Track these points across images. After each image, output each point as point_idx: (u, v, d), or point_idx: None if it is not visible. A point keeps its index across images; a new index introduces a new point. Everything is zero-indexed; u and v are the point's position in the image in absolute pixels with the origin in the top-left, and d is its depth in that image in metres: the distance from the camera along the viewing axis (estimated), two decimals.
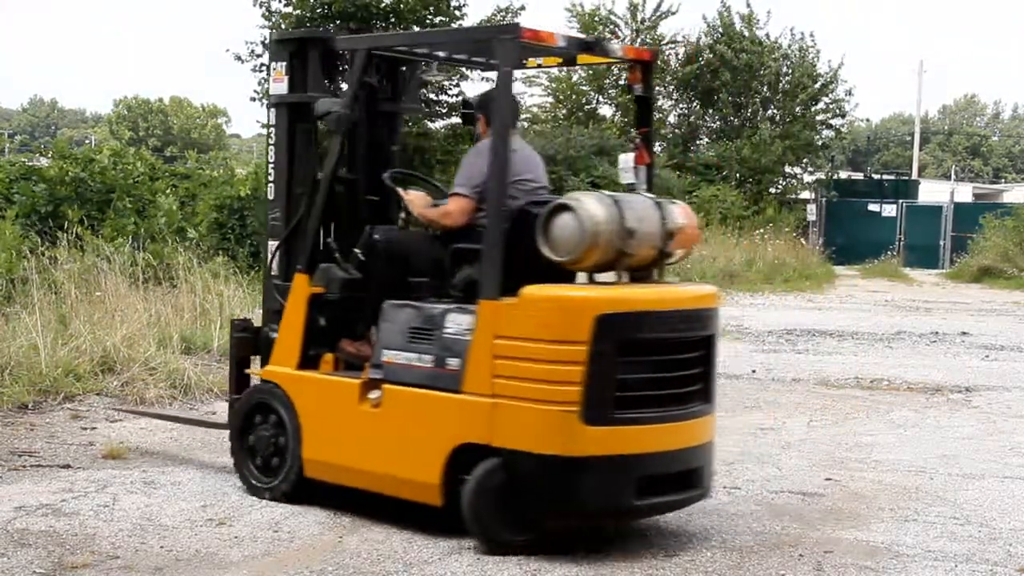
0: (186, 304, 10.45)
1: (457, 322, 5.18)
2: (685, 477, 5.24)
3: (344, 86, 6.25)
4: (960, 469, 6.99)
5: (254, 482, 5.91)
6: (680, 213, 5.38)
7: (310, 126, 6.17)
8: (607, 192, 5.27)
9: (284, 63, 6.27)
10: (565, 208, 5.10)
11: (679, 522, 5.63)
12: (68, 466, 6.42)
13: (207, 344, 9.81)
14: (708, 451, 5.37)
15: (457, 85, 22.81)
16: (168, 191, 15.83)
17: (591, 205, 5.10)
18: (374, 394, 5.45)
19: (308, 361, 5.79)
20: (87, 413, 7.81)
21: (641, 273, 5.33)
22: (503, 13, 22.96)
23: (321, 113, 5.87)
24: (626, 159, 5.78)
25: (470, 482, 5.04)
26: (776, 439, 7.79)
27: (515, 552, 5.00)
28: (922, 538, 5.48)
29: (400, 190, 5.73)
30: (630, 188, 5.69)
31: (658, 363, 5.09)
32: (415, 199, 5.68)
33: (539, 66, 6.49)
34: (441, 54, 6.33)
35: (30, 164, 16.45)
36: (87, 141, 49.10)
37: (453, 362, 5.16)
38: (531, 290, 4.99)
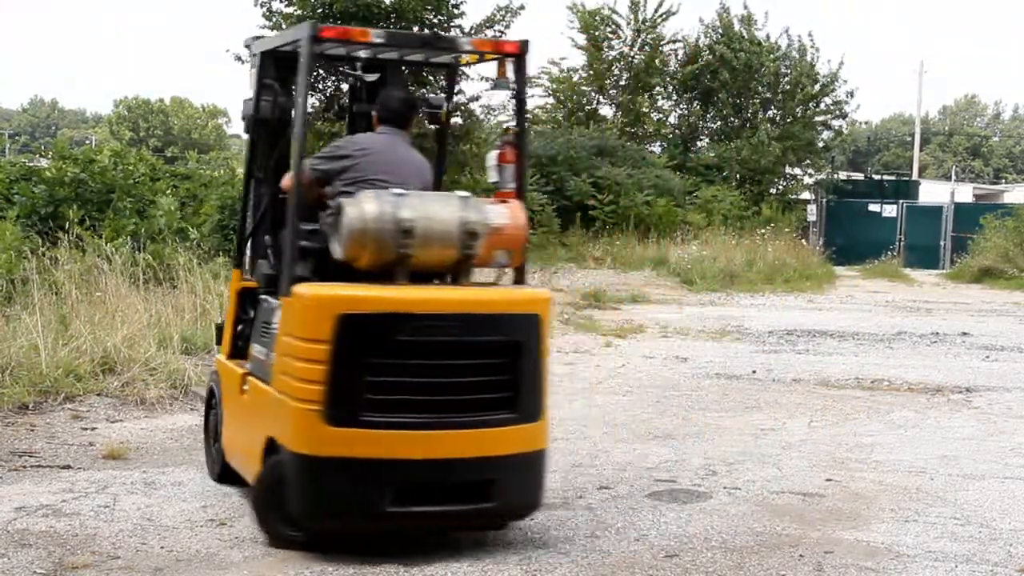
0: (186, 304, 10.45)
1: (277, 317, 5.23)
2: (464, 489, 4.95)
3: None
4: (960, 470, 6.99)
5: (206, 460, 6.26)
6: (499, 214, 5.14)
7: (264, 128, 6.05)
8: (398, 191, 5.03)
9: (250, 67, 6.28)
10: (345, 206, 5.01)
11: (679, 522, 5.64)
12: (68, 466, 6.42)
13: (207, 344, 9.80)
14: (509, 463, 4.98)
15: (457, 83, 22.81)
16: (168, 191, 15.83)
17: (363, 203, 4.96)
18: (245, 385, 5.63)
19: (238, 351, 5.95)
20: (87, 413, 7.81)
21: (451, 274, 5.14)
22: (503, 12, 22.95)
23: (242, 115, 6.01)
24: (491, 157, 5.66)
25: (258, 476, 5.13)
26: (776, 439, 7.79)
27: (295, 548, 4.97)
28: (922, 538, 5.48)
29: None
30: (494, 186, 5.60)
31: (423, 367, 4.83)
32: (286, 178, 5.54)
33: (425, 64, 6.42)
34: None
35: (30, 165, 16.45)
36: (87, 141, 49.08)
37: (271, 357, 5.20)
38: (298, 288, 4.95)
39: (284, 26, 22.36)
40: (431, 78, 20.90)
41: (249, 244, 6.06)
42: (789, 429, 8.18)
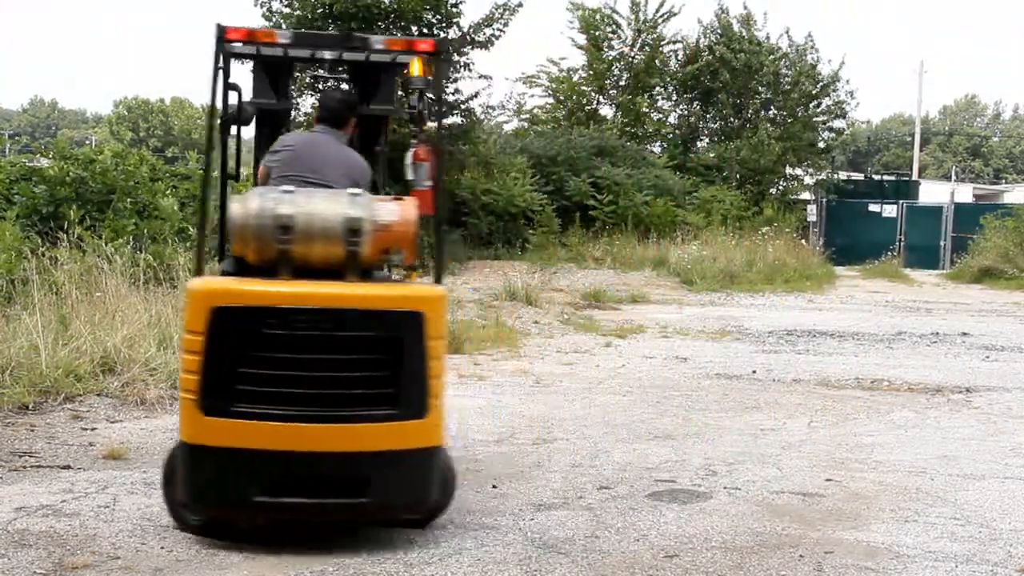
0: None
1: None
2: (336, 483, 5.00)
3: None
4: (960, 470, 6.99)
5: None
6: (389, 211, 5.20)
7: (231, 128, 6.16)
8: (287, 188, 5.18)
9: None
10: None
11: (679, 522, 5.64)
12: (68, 467, 6.42)
13: None
14: (385, 460, 4.99)
15: (454, 82, 22.81)
16: (168, 192, 15.83)
17: (247, 200, 5.14)
18: None
19: None
20: (87, 414, 7.81)
21: (340, 270, 5.15)
22: (501, 10, 22.95)
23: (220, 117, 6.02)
24: (408, 155, 5.83)
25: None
26: (776, 439, 7.79)
27: (194, 532, 5.17)
28: (922, 539, 5.48)
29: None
30: (411, 184, 5.79)
31: (292, 361, 4.90)
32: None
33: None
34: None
35: (30, 165, 16.45)
36: (87, 142, 49.07)
37: None
38: (189, 282, 5.20)
39: (284, 26, 22.37)
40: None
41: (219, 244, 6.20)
42: (789, 429, 8.18)
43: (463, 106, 22.80)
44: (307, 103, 21.78)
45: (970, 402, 9.59)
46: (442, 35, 22.84)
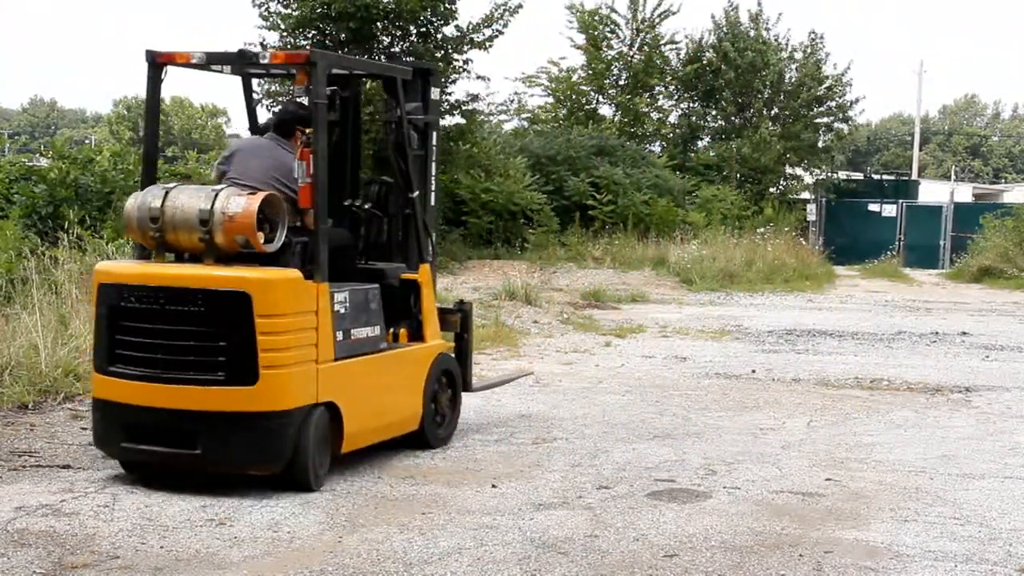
0: None
1: None
2: (174, 435, 5.84)
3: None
4: (960, 469, 6.99)
5: None
6: (236, 204, 5.90)
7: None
8: (171, 185, 6.14)
9: None
10: None
11: (679, 522, 5.64)
12: (68, 466, 6.42)
13: None
14: (212, 419, 5.77)
15: (454, 82, 22.80)
16: None
17: (136, 195, 6.17)
18: None
19: None
20: (87, 413, 7.78)
21: (202, 255, 5.99)
22: (501, 10, 22.92)
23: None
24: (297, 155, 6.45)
25: None
26: (776, 439, 7.79)
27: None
28: (922, 538, 5.48)
29: None
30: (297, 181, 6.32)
31: (141, 329, 5.88)
32: None
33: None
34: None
35: (30, 165, 16.43)
36: (87, 141, 49.05)
37: None
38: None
39: (282, 27, 22.34)
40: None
41: None
42: (789, 429, 8.18)
43: (463, 106, 22.78)
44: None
45: (970, 402, 9.59)
46: (440, 35, 22.84)
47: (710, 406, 9.04)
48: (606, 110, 34.15)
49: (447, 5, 22.49)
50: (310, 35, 22.34)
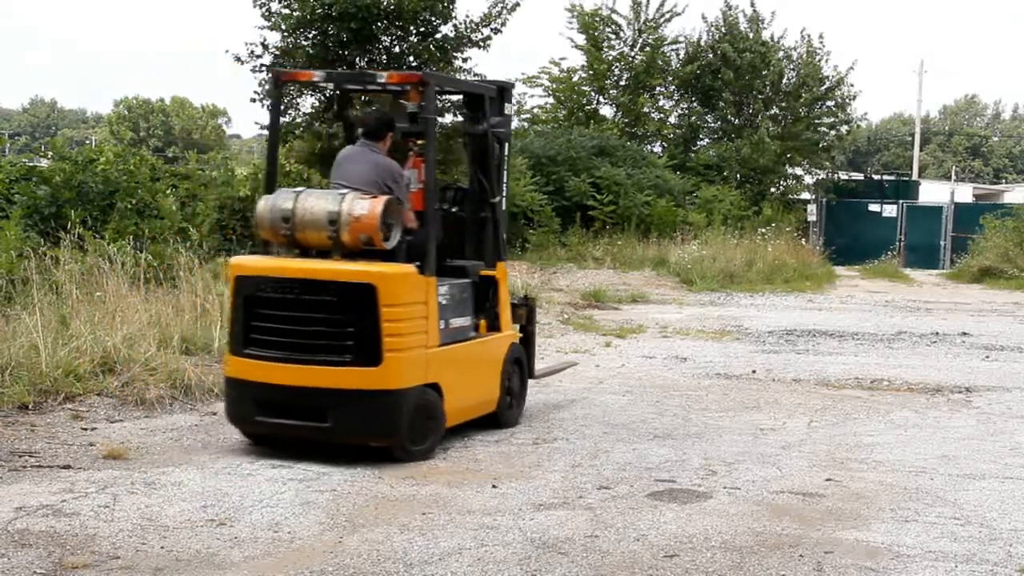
0: (187, 304, 10.44)
1: None
2: (307, 410, 6.55)
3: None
4: (960, 469, 6.99)
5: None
6: (362, 207, 6.58)
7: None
8: (299, 189, 6.87)
9: None
10: None
11: (679, 522, 5.64)
12: (68, 466, 6.42)
13: (208, 345, 9.81)
14: (343, 396, 6.51)
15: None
16: (168, 192, 15.83)
17: (269, 197, 6.83)
18: None
19: None
20: (87, 413, 7.81)
21: (330, 252, 6.69)
22: (499, 8, 22.89)
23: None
24: (409, 164, 7.40)
25: None
26: (776, 439, 7.79)
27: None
28: (922, 538, 5.48)
29: None
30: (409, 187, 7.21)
31: (277, 316, 6.58)
32: None
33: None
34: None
35: (31, 165, 16.43)
36: (87, 142, 49.04)
37: None
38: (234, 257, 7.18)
39: (283, 27, 22.34)
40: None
41: None
42: (789, 429, 8.18)
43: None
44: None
45: (970, 402, 9.59)
46: (439, 35, 22.83)
47: (710, 406, 9.04)
48: (607, 110, 34.15)
49: (445, 5, 22.49)
50: (311, 35, 22.37)
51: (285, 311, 6.54)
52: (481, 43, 22.89)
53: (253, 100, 23.21)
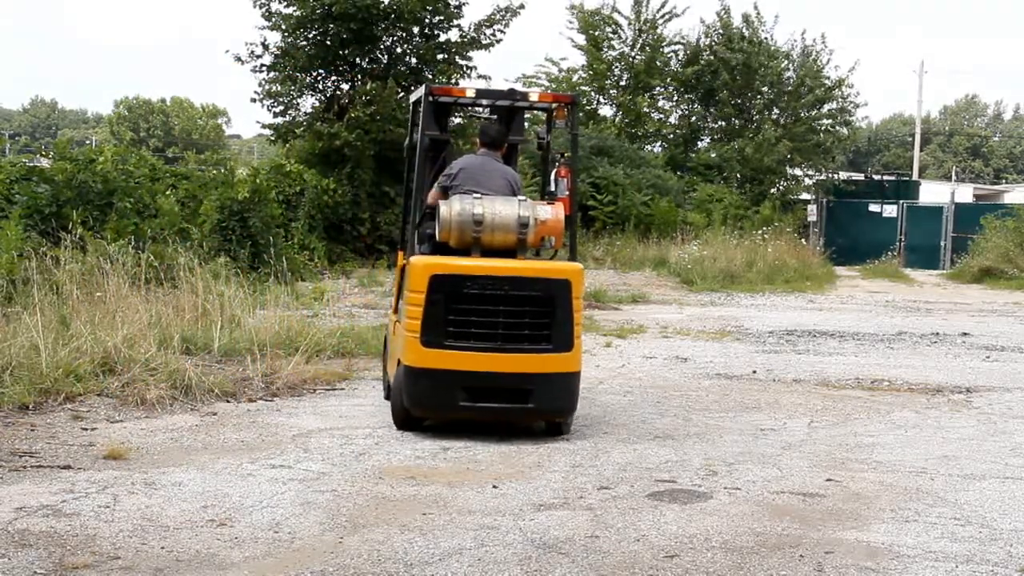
0: (187, 305, 10.45)
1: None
2: (511, 393, 7.31)
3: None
4: (961, 470, 6.99)
5: (383, 384, 8.86)
6: (546, 211, 7.53)
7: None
8: (477, 195, 7.45)
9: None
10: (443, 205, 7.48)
11: (679, 522, 5.64)
12: (69, 467, 6.41)
13: (208, 344, 9.81)
14: (544, 379, 7.31)
15: (456, 83, 22.81)
16: (168, 192, 15.84)
17: (452, 204, 7.43)
18: (395, 327, 8.34)
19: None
20: (88, 413, 7.80)
21: (510, 251, 7.46)
22: (502, 12, 22.96)
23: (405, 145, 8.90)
24: (553, 172, 8.11)
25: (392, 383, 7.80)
26: (777, 440, 7.79)
27: (407, 429, 7.57)
28: (923, 539, 5.48)
29: None
30: (550, 194, 8.04)
31: (483, 310, 7.20)
32: (431, 194, 7.91)
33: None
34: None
35: (31, 165, 16.44)
36: (88, 142, 49.04)
37: (403, 305, 7.69)
38: (412, 258, 7.49)
39: (284, 27, 22.35)
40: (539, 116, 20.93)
41: (415, 234, 8.00)
42: (789, 429, 8.18)
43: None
44: None
45: (970, 402, 9.58)
46: (443, 36, 22.85)
47: (711, 407, 9.04)
48: (606, 110, 34.15)
49: (450, 7, 22.49)
50: (311, 35, 22.37)
51: (494, 305, 7.20)
52: (486, 46, 22.92)
53: (253, 100, 23.25)
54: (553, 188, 7.98)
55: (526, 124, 8.81)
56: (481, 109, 9.54)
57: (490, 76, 23.20)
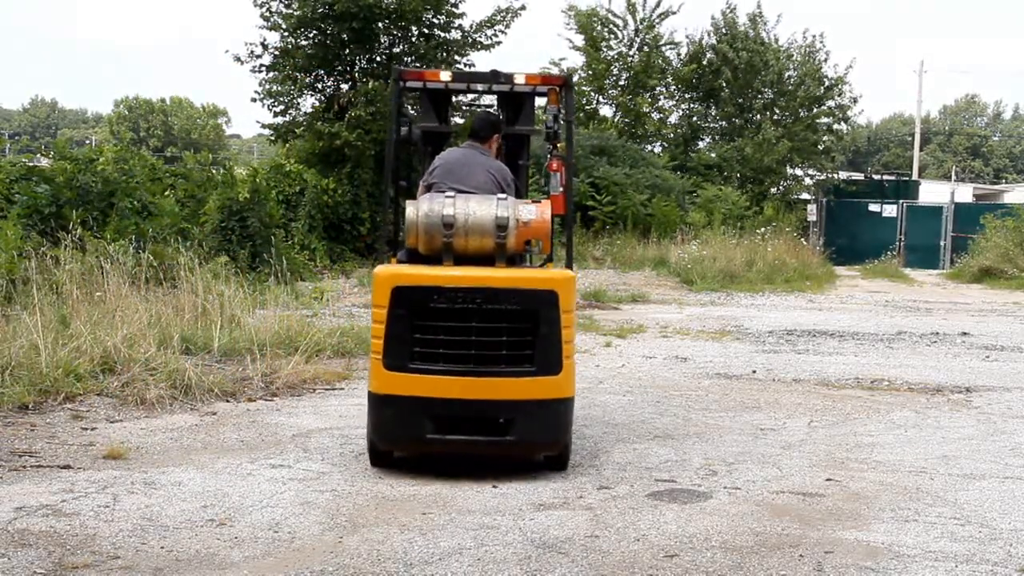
0: (186, 304, 10.45)
1: None
2: (485, 424, 6.22)
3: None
4: (960, 469, 6.99)
5: None
6: (529, 211, 6.46)
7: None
8: (450, 193, 6.44)
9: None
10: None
11: (679, 522, 5.64)
12: (69, 466, 6.41)
13: (207, 344, 9.81)
14: (525, 407, 6.22)
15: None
16: (168, 192, 15.85)
17: (420, 204, 6.41)
18: None
19: None
20: (87, 413, 7.81)
21: (489, 258, 6.39)
22: (503, 13, 22.98)
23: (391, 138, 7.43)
24: (547, 166, 7.14)
25: None
26: (777, 439, 7.79)
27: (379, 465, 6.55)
28: (923, 538, 5.48)
29: None
30: (547, 189, 7.13)
31: (453, 328, 6.14)
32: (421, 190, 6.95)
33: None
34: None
35: (31, 165, 16.45)
36: (88, 142, 49.01)
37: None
38: (376, 268, 6.42)
39: (283, 26, 22.34)
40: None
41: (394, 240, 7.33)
42: (789, 429, 8.18)
43: (464, 107, 22.79)
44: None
45: (970, 402, 9.58)
46: (444, 36, 22.85)
47: (711, 406, 9.04)
48: (606, 110, 34.17)
49: (451, 7, 22.51)
50: (311, 35, 22.37)
51: (466, 322, 6.14)
52: (487, 46, 22.94)
53: (253, 100, 23.27)
54: (545, 184, 7.15)
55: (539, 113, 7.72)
56: (488, 98, 9.31)
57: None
